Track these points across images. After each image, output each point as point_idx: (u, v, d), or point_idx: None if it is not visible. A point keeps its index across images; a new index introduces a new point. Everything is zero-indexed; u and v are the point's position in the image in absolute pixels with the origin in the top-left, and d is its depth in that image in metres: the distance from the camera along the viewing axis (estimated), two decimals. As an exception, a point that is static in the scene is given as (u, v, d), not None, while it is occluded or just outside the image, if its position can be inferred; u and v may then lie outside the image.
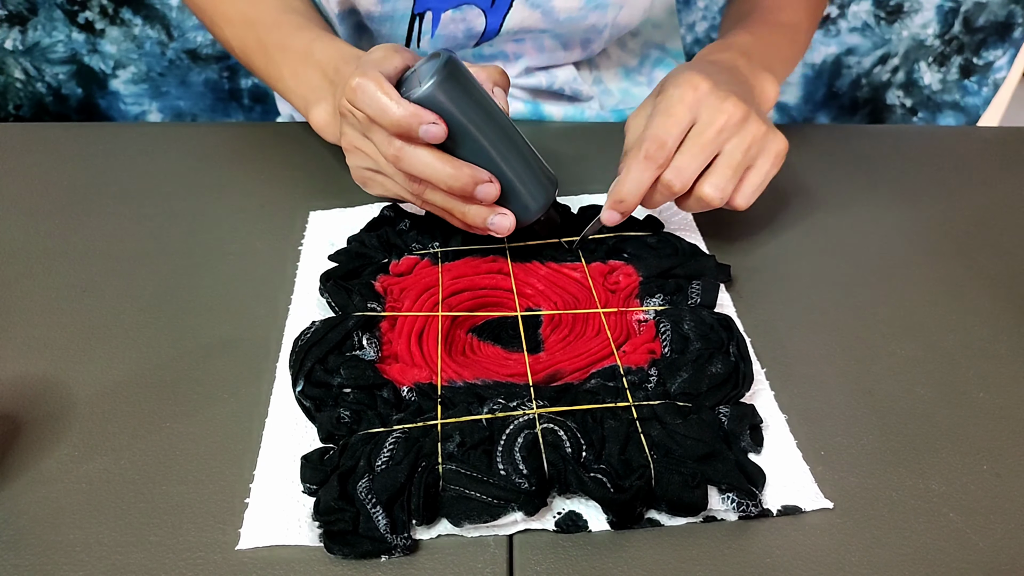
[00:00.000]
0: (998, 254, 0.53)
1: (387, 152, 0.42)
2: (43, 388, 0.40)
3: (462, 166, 0.41)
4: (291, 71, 0.55)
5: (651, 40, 0.73)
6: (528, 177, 0.44)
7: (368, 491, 0.33)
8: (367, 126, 0.43)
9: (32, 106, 0.95)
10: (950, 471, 0.38)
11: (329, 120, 0.52)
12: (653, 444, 0.36)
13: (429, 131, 0.40)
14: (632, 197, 0.44)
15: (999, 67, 0.97)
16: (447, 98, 0.41)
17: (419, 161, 0.41)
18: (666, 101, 0.44)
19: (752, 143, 0.44)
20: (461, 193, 0.42)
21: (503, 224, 0.43)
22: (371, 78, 0.41)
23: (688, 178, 0.44)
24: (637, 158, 0.44)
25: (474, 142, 0.42)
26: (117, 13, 0.89)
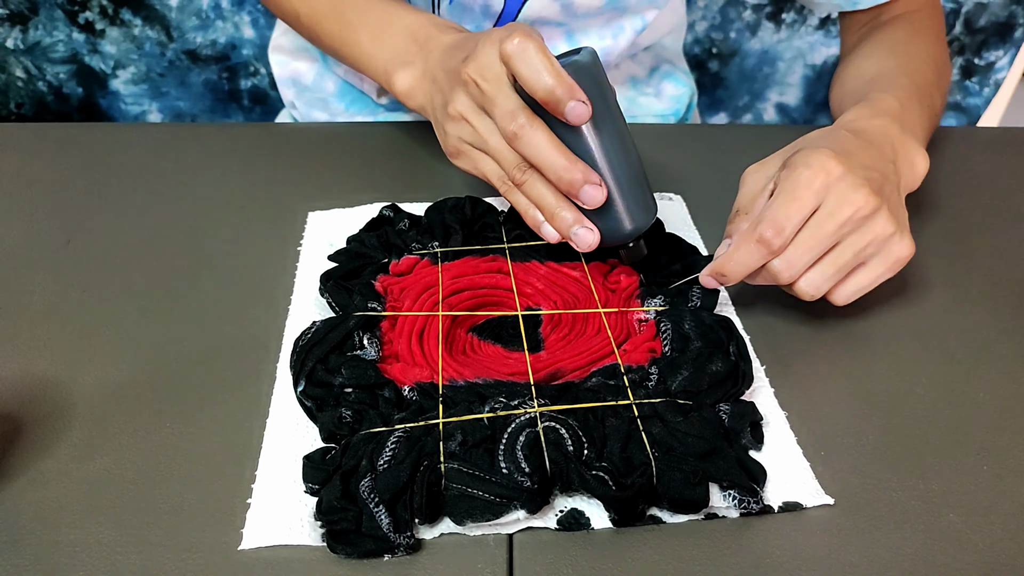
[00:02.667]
0: (998, 254, 0.53)
1: (507, 127, 0.40)
2: (43, 388, 0.40)
3: (577, 161, 0.40)
4: (371, 35, 0.54)
5: (661, 55, 0.74)
6: (632, 196, 0.42)
7: (370, 490, 0.33)
8: (491, 96, 0.41)
9: (33, 105, 0.95)
10: (950, 471, 0.38)
11: (415, 84, 0.51)
12: (654, 442, 0.36)
13: (576, 109, 0.38)
14: (735, 276, 0.42)
15: (1000, 67, 0.97)
16: (592, 86, 0.39)
17: (539, 143, 0.40)
18: (793, 182, 0.41)
19: (871, 242, 0.41)
20: (567, 189, 0.40)
21: (586, 239, 0.42)
22: (534, 40, 0.39)
23: (797, 272, 0.41)
24: (750, 239, 0.41)
25: (594, 140, 0.40)
26: (117, 14, 0.89)
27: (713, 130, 0.69)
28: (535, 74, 0.39)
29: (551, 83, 0.38)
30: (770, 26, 0.96)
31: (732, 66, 1.00)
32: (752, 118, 1.04)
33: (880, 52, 0.60)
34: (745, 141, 0.66)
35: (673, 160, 0.62)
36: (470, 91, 0.43)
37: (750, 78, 1.01)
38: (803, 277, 0.42)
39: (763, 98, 1.02)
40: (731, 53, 0.99)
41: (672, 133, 0.68)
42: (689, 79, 0.77)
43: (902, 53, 0.59)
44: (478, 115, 0.43)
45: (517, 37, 0.39)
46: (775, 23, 0.96)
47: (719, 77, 1.01)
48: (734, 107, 1.03)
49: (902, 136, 0.47)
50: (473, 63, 0.42)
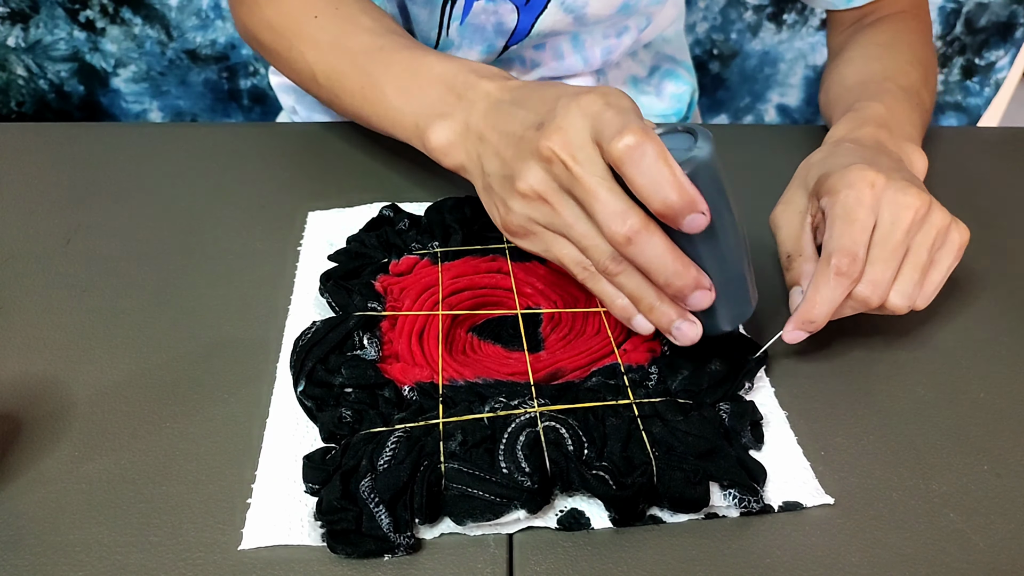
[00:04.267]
0: (998, 254, 0.53)
1: (616, 230, 0.34)
2: (43, 388, 0.40)
3: (689, 265, 0.35)
4: (398, 89, 0.48)
5: (661, 52, 0.74)
6: (738, 294, 0.38)
7: (370, 490, 0.33)
8: (590, 188, 0.35)
9: (34, 103, 0.95)
10: (950, 471, 0.38)
11: (454, 140, 0.44)
12: (654, 441, 0.36)
13: (695, 221, 0.33)
14: (824, 317, 0.40)
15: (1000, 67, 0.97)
16: (709, 181, 0.34)
17: (652, 250, 0.34)
18: (844, 205, 0.40)
19: (936, 237, 0.40)
20: (675, 294, 0.36)
21: (688, 335, 0.37)
22: (653, 141, 0.33)
23: (885, 291, 0.40)
24: (827, 275, 0.39)
25: (709, 238, 0.36)
26: (117, 12, 0.89)
27: (713, 130, 0.69)
28: (654, 185, 0.33)
29: (672, 199, 0.33)
30: (771, 27, 0.96)
31: (733, 67, 1.00)
32: (753, 119, 1.04)
33: (862, 58, 0.60)
34: (745, 141, 0.66)
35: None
36: (554, 170, 0.36)
37: (751, 79, 1.01)
38: (893, 292, 0.40)
39: (764, 99, 1.02)
40: (732, 54, 0.99)
41: (672, 133, 0.68)
42: (690, 75, 0.77)
43: (884, 56, 0.59)
44: (560, 197, 0.37)
45: (631, 135, 0.33)
46: (776, 24, 0.96)
47: (720, 78, 1.01)
48: (735, 108, 1.04)
49: (893, 139, 0.47)
50: (558, 137, 0.36)
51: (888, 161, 0.44)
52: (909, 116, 0.51)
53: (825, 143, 0.49)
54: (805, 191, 0.44)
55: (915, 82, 0.55)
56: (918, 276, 0.40)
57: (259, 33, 0.58)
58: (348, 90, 0.52)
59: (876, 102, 0.51)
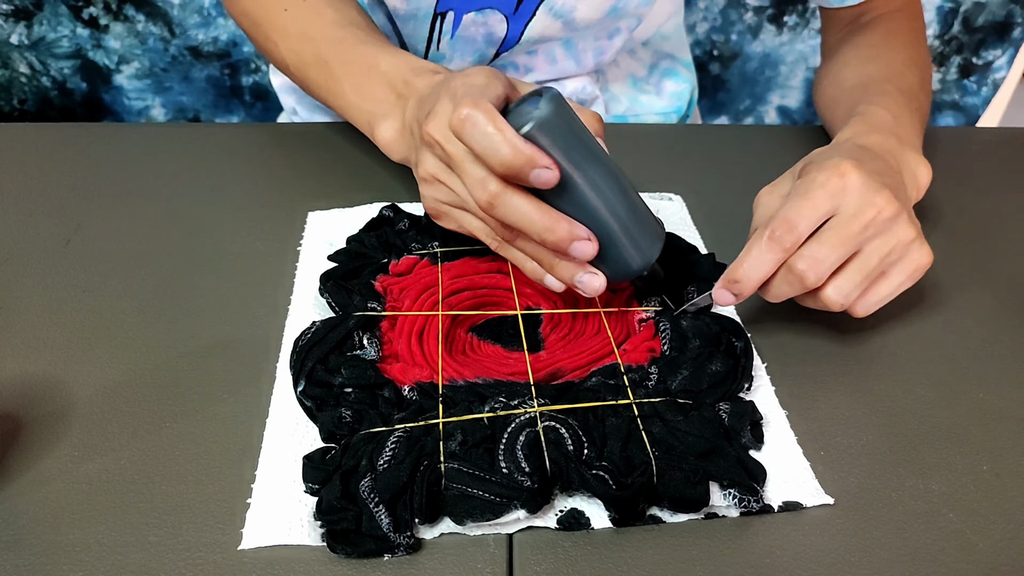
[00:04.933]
0: (998, 254, 0.53)
1: (480, 196, 0.37)
2: (43, 388, 0.40)
3: (559, 219, 0.37)
4: (353, 85, 0.51)
5: (660, 50, 0.74)
6: (633, 232, 0.39)
7: (370, 490, 0.33)
8: (458, 161, 0.38)
9: (37, 100, 0.95)
10: (950, 471, 0.38)
11: (396, 137, 0.48)
12: (654, 441, 0.36)
13: (540, 176, 0.36)
14: (749, 280, 0.40)
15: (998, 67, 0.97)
16: (558, 137, 0.36)
17: (515, 209, 0.37)
18: (806, 184, 0.40)
19: (895, 248, 0.40)
20: (554, 248, 0.38)
21: (592, 284, 0.39)
22: (483, 109, 0.36)
23: (824, 272, 0.39)
24: (760, 237, 0.39)
25: (576, 190, 0.37)
26: (120, 9, 0.89)
27: (713, 130, 0.69)
28: (489, 148, 0.36)
29: (507, 157, 0.35)
30: (771, 29, 0.96)
31: (733, 69, 1.00)
32: (753, 121, 1.04)
33: (859, 59, 0.60)
34: (745, 141, 0.66)
35: (673, 160, 0.62)
36: (435, 152, 0.40)
37: (751, 81, 1.01)
38: (831, 284, 0.40)
39: (764, 101, 1.02)
40: (732, 56, 0.99)
41: (672, 133, 0.68)
42: (690, 72, 0.77)
43: (881, 57, 0.59)
44: (449, 175, 0.41)
45: (464, 107, 0.36)
46: (776, 26, 0.96)
47: (720, 80, 1.01)
48: (735, 110, 1.04)
49: (901, 148, 0.47)
50: (433, 121, 0.39)
51: (882, 167, 0.43)
52: (911, 121, 0.51)
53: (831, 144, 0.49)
54: (793, 178, 0.44)
55: (912, 84, 0.55)
56: (860, 279, 0.40)
57: (239, 20, 0.60)
58: (314, 81, 0.55)
59: (879, 107, 0.51)
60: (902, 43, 0.60)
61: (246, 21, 0.60)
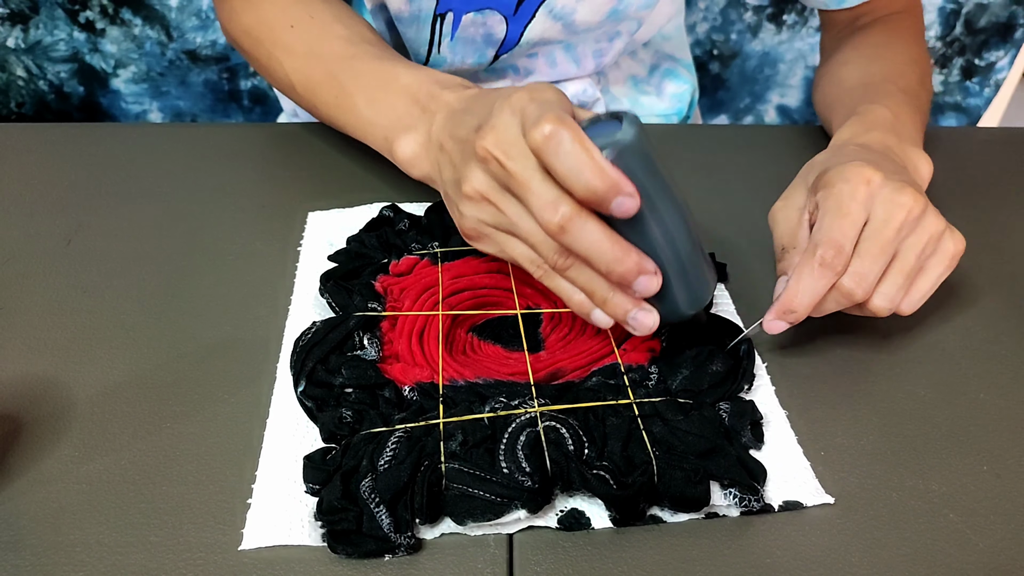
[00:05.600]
0: (998, 254, 0.53)
1: (550, 218, 0.34)
2: (43, 388, 0.40)
3: (629, 250, 0.35)
4: (368, 100, 0.49)
5: (661, 51, 0.74)
6: (692, 274, 0.37)
7: (371, 490, 0.33)
8: (523, 180, 0.35)
9: (34, 104, 0.95)
10: (950, 471, 0.38)
11: (419, 152, 0.45)
12: (655, 440, 0.36)
13: (623, 204, 0.33)
14: (805, 308, 0.39)
15: (1000, 68, 0.97)
16: (639, 164, 0.34)
17: (587, 236, 0.34)
18: (836, 198, 0.40)
19: (928, 243, 0.40)
20: (619, 280, 0.36)
21: (646, 323, 0.37)
22: (568, 127, 0.33)
23: (871, 285, 0.39)
24: (811, 265, 0.39)
25: (646, 221, 0.35)
26: (117, 13, 0.89)
27: (713, 130, 0.69)
28: (573, 171, 0.33)
29: (593, 182, 0.33)
30: (771, 28, 0.96)
31: (733, 68, 1.00)
32: (753, 120, 1.04)
33: (859, 59, 0.59)
34: (745, 141, 0.66)
35: (673, 160, 0.62)
36: (491, 169, 0.37)
37: (751, 80, 1.01)
38: (877, 293, 0.40)
39: (764, 100, 1.02)
40: (732, 55, 0.99)
41: (672, 133, 0.68)
42: (690, 74, 0.77)
43: (882, 57, 0.58)
44: (502, 195, 0.37)
45: (547, 124, 0.33)
46: (776, 25, 0.96)
47: (720, 79, 1.01)
48: (735, 109, 1.04)
49: (901, 145, 0.47)
50: (491, 135, 0.36)
51: (891, 165, 0.44)
52: (912, 119, 0.51)
53: (830, 146, 0.49)
54: (806, 187, 0.44)
55: (913, 84, 0.55)
56: (903, 280, 0.40)
57: (239, 39, 0.59)
58: (323, 100, 0.53)
59: (880, 106, 0.51)
60: (903, 43, 0.60)
61: (247, 40, 0.58)
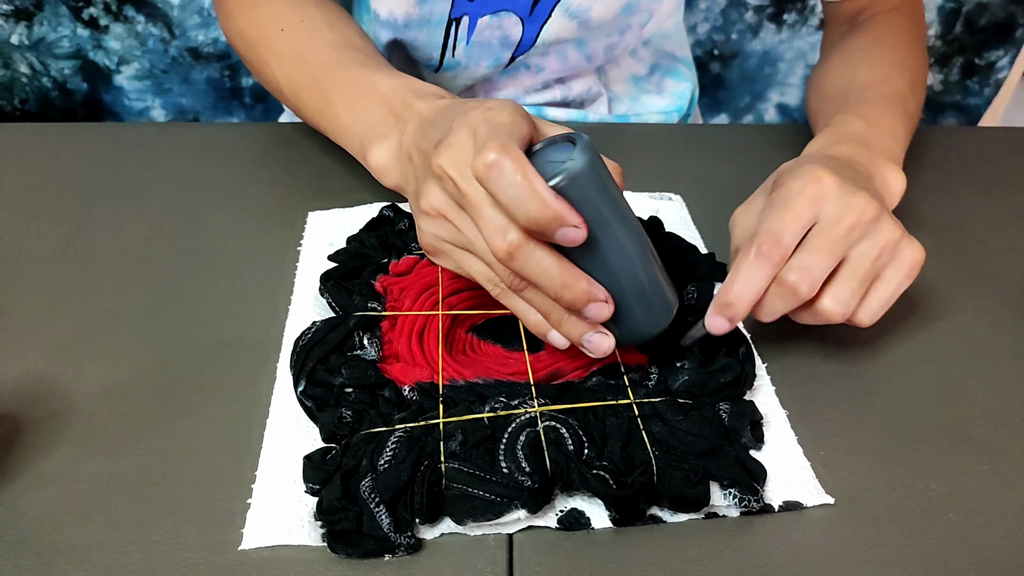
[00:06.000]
0: (998, 254, 0.53)
1: (498, 245, 0.34)
2: (43, 388, 0.40)
3: (579, 277, 0.34)
4: (347, 107, 0.49)
5: (661, 48, 0.74)
6: (649, 298, 0.37)
7: (371, 490, 0.33)
8: (475, 203, 0.34)
9: (38, 100, 0.96)
10: (950, 471, 0.38)
11: (391, 161, 0.45)
12: (655, 441, 0.36)
13: (567, 234, 0.33)
14: (742, 301, 0.38)
15: (1000, 67, 0.97)
16: (589, 192, 0.33)
17: (535, 263, 0.34)
18: (784, 194, 0.39)
19: (884, 249, 0.39)
20: (568, 306, 0.35)
21: (600, 346, 0.37)
22: (511, 155, 0.32)
23: (816, 280, 0.38)
24: (747, 255, 0.38)
25: (599, 248, 0.34)
26: (121, 10, 0.89)
27: (713, 130, 0.69)
28: (514, 202, 0.32)
29: (535, 214, 0.32)
30: (771, 27, 0.96)
31: (733, 67, 1.00)
32: (753, 119, 1.04)
33: (842, 66, 0.59)
34: (745, 141, 0.66)
35: (673, 160, 0.62)
36: (446, 187, 0.36)
37: (751, 79, 1.01)
38: (827, 294, 0.38)
39: (764, 99, 1.02)
40: (732, 54, 0.99)
41: (672, 133, 0.68)
42: (690, 71, 0.77)
43: (865, 62, 0.57)
44: (457, 213, 0.37)
45: (490, 152, 0.32)
46: (776, 24, 0.96)
47: (720, 78, 1.01)
48: (735, 108, 1.04)
49: (871, 158, 0.46)
50: (447, 153, 0.35)
51: (852, 173, 0.42)
52: (892, 128, 0.50)
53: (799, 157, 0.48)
54: (766, 194, 0.43)
55: (899, 88, 0.54)
56: (857, 285, 0.39)
57: (234, 41, 0.59)
58: (307, 104, 0.53)
59: (855, 116, 0.50)
60: (892, 44, 0.59)
61: (241, 43, 0.58)
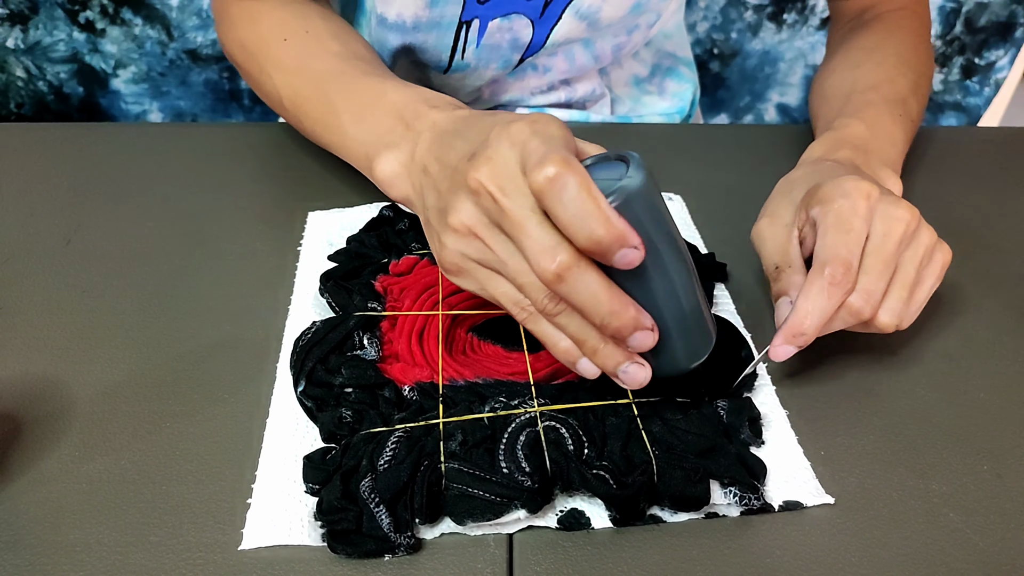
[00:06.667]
0: (998, 254, 0.53)
1: (545, 266, 0.31)
2: (43, 388, 0.40)
3: (628, 304, 0.32)
4: (353, 117, 0.47)
5: (663, 49, 0.74)
6: (692, 329, 0.35)
7: (371, 490, 0.33)
8: (519, 221, 0.32)
9: (34, 105, 0.95)
10: (950, 471, 0.38)
11: (400, 171, 0.42)
12: (654, 440, 0.36)
13: (627, 256, 0.30)
14: (814, 329, 0.38)
15: (1000, 67, 0.97)
16: (646, 213, 0.32)
17: (585, 287, 0.32)
18: (838, 214, 0.39)
19: (924, 255, 0.40)
20: (613, 334, 0.33)
21: (637, 377, 0.34)
22: (575, 171, 0.30)
23: (878, 301, 0.38)
24: (820, 284, 0.38)
25: (648, 273, 0.33)
26: (117, 13, 0.89)
27: (713, 130, 0.69)
28: (577, 219, 0.30)
29: (599, 233, 0.30)
30: (771, 26, 0.96)
31: (733, 67, 1.00)
32: (753, 119, 1.04)
33: (845, 67, 0.59)
34: (745, 141, 0.66)
35: (673, 160, 0.62)
36: (482, 203, 0.33)
37: (751, 79, 1.01)
38: (882, 309, 0.39)
39: (764, 99, 1.02)
40: (732, 54, 0.99)
41: (672, 133, 0.68)
42: (692, 72, 0.77)
43: (868, 63, 0.57)
44: (491, 231, 0.34)
45: (552, 165, 0.30)
46: (776, 23, 0.96)
47: (720, 78, 1.01)
48: (735, 108, 1.04)
49: (868, 164, 0.46)
50: (487, 167, 0.33)
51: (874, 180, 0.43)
52: (891, 133, 0.50)
53: (802, 163, 0.48)
54: (791, 204, 0.43)
55: (901, 90, 0.54)
56: (906, 294, 0.39)
57: (233, 52, 0.57)
58: (310, 116, 0.51)
59: (856, 120, 0.50)
60: (897, 44, 0.59)
61: (241, 53, 0.56)
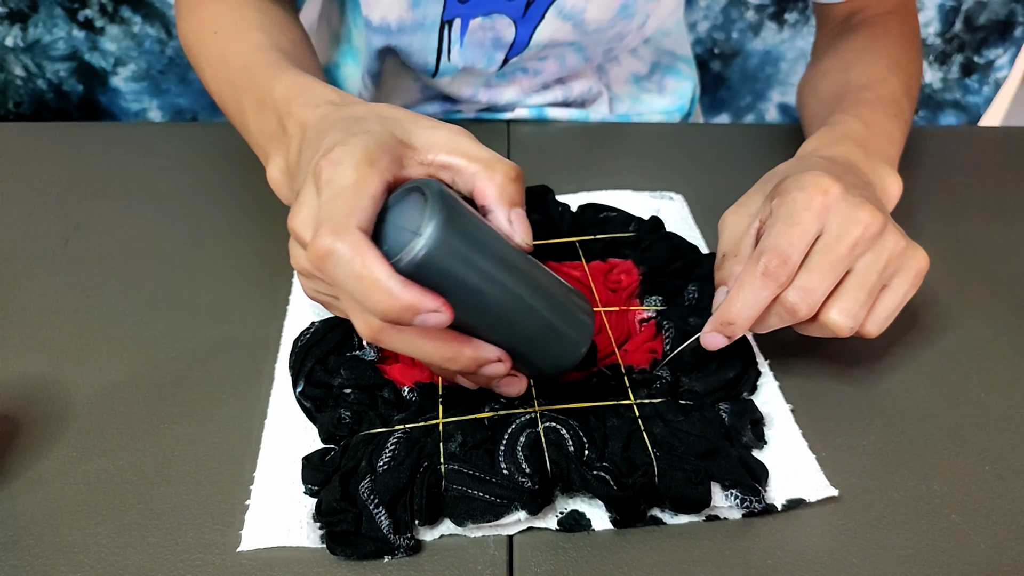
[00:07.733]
0: (998, 254, 0.53)
1: (360, 329, 0.31)
2: (42, 388, 0.40)
3: (460, 346, 0.31)
4: (254, 115, 0.44)
5: (661, 47, 0.74)
6: (559, 331, 0.34)
7: (370, 491, 0.33)
8: (330, 280, 0.30)
9: (33, 103, 0.95)
10: (952, 472, 0.38)
11: (281, 179, 0.40)
12: (655, 441, 0.36)
13: (427, 320, 0.29)
14: (744, 319, 0.37)
15: (1000, 66, 0.97)
16: (449, 261, 0.29)
17: (406, 344, 0.31)
18: (789, 206, 0.37)
19: (889, 260, 0.37)
20: (460, 373, 0.34)
21: (512, 389, 0.35)
22: (348, 242, 0.28)
23: (816, 300, 0.36)
24: (753, 274, 0.36)
25: (484, 304, 0.31)
26: (117, 11, 0.89)
27: (714, 129, 0.69)
28: (359, 295, 0.28)
29: (384, 306, 0.28)
30: (772, 26, 0.96)
31: (734, 66, 1.00)
32: (754, 118, 1.04)
33: (838, 67, 0.58)
34: (746, 140, 0.66)
35: (674, 159, 0.62)
36: (302, 248, 0.33)
37: (752, 78, 1.01)
38: (834, 305, 0.37)
39: (765, 98, 1.02)
40: (733, 53, 0.99)
41: (673, 132, 0.68)
42: (691, 69, 0.77)
43: (861, 63, 0.57)
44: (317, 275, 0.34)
45: (325, 237, 0.28)
46: (777, 23, 0.96)
47: (721, 77, 1.01)
48: (736, 107, 1.04)
49: (868, 160, 0.45)
50: (299, 216, 0.32)
51: (854, 179, 0.42)
52: (888, 131, 0.49)
53: (796, 156, 0.48)
54: (762, 196, 0.42)
55: (895, 90, 0.53)
56: (864, 297, 0.37)
57: (183, 46, 0.56)
58: (228, 112, 0.49)
59: (853, 116, 0.49)
60: (887, 46, 0.58)
61: (184, 47, 0.55)
